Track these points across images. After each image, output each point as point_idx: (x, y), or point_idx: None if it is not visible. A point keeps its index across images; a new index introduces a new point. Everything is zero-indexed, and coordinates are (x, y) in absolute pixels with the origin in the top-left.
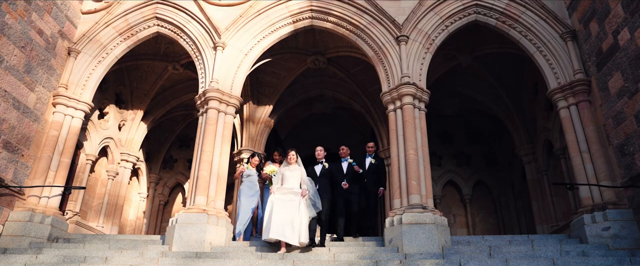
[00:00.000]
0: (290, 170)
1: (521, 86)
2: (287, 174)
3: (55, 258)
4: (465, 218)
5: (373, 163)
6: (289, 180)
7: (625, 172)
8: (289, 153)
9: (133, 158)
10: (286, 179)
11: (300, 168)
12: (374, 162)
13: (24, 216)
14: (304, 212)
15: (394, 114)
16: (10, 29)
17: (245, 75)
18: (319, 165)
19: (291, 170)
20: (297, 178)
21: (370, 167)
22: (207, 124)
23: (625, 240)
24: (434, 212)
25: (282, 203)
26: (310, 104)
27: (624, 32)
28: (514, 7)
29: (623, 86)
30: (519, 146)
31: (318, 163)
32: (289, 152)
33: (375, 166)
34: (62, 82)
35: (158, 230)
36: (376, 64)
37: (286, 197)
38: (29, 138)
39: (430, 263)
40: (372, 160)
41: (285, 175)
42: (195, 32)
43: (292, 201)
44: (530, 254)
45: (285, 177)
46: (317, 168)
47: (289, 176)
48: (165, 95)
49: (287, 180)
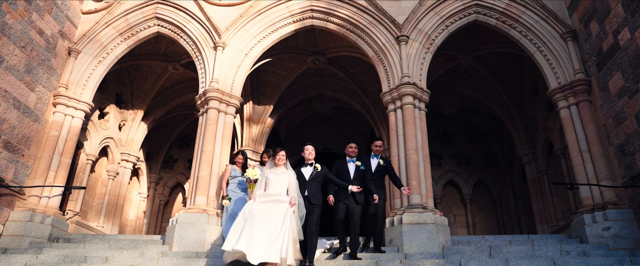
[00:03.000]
0: (276, 173)
1: (521, 86)
2: (272, 178)
3: (56, 258)
4: (465, 218)
5: (381, 164)
6: (273, 184)
7: (626, 171)
8: (278, 153)
9: (133, 158)
10: (270, 184)
11: (289, 172)
12: (382, 163)
13: (25, 216)
14: (289, 225)
15: (394, 114)
16: (10, 29)
17: (245, 75)
18: (308, 167)
19: (277, 173)
20: (283, 183)
21: (378, 169)
22: (208, 124)
23: (625, 239)
24: (434, 212)
25: (262, 214)
26: (310, 104)
27: (624, 32)
28: (514, 7)
29: (623, 86)
30: (519, 146)
31: (306, 165)
32: (278, 151)
33: (384, 168)
34: (63, 82)
35: (158, 230)
36: (376, 64)
37: (268, 206)
38: (30, 138)
39: (431, 263)
40: (380, 160)
41: (269, 179)
42: (196, 32)
43: (276, 211)
44: (530, 254)
45: (270, 181)
46: (306, 171)
47: (274, 180)
48: (166, 95)
49: (272, 184)
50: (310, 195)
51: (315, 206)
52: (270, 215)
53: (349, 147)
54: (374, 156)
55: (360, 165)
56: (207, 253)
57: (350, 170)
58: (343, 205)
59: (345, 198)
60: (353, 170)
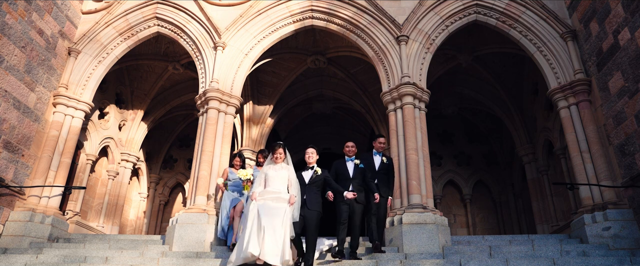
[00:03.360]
0: (276, 170)
1: (521, 86)
2: (272, 174)
3: (56, 258)
4: (465, 218)
5: (384, 162)
6: (273, 181)
7: (626, 171)
8: (277, 149)
9: (133, 158)
10: (270, 180)
11: (289, 168)
12: (385, 160)
13: (25, 216)
14: (288, 225)
15: (394, 114)
16: (10, 29)
17: (245, 75)
18: (309, 171)
19: (276, 169)
20: (283, 179)
21: (382, 167)
22: (208, 124)
23: (625, 239)
24: (434, 212)
25: (267, 211)
26: (310, 104)
27: (624, 32)
28: (514, 7)
29: (623, 86)
30: (519, 146)
31: (308, 169)
32: (276, 148)
33: (387, 166)
34: (63, 82)
35: (158, 230)
36: (376, 64)
37: (272, 204)
38: (30, 138)
39: (431, 263)
40: (383, 158)
41: (268, 176)
42: (196, 32)
43: (278, 209)
44: (530, 254)
45: (269, 178)
46: (306, 175)
47: (273, 177)
48: (166, 95)
49: (272, 181)
50: (309, 199)
51: (314, 211)
52: (273, 213)
53: (346, 146)
54: (376, 153)
55: (359, 163)
56: (208, 253)
57: (349, 169)
58: (345, 205)
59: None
60: (352, 168)
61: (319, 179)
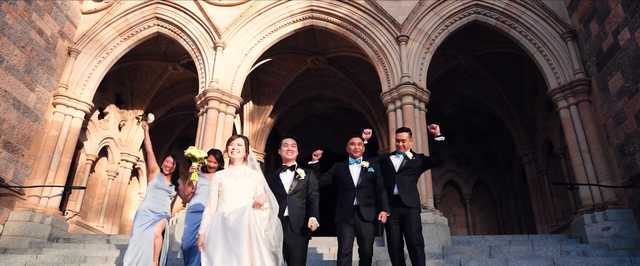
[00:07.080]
0: (235, 177)
1: (521, 86)
2: (230, 184)
3: (56, 258)
4: (465, 218)
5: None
6: (231, 196)
7: (626, 171)
8: (234, 140)
9: (133, 158)
10: (227, 195)
11: (254, 173)
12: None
13: (24, 216)
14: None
15: (394, 114)
16: (10, 29)
17: (245, 75)
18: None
19: (236, 176)
20: (247, 191)
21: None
22: (207, 124)
23: (625, 240)
24: (434, 212)
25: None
26: (310, 104)
27: (624, 32)
28: (514, 7)
29: (623, 86)
30: (519, 146)
31: (285, 169)
32: (233, 138)
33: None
34: (62, 82)
35: None
36: (376, 64)
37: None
38: (29, 138)
39: (431, 263)
40: (408, 154)
41: (225, 187)
42: (195, 32)
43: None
44: (530, 254)
45: (226, 190)
46: (286, 180)
47: (231, 189)
48: (165, 95)
49: (229, 196)
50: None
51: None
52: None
53: (350, 143)
54: (398, 154)
55: (368, 166)
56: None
57: (353, 175)
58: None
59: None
60: (357, 174)
61: (303, 186)
